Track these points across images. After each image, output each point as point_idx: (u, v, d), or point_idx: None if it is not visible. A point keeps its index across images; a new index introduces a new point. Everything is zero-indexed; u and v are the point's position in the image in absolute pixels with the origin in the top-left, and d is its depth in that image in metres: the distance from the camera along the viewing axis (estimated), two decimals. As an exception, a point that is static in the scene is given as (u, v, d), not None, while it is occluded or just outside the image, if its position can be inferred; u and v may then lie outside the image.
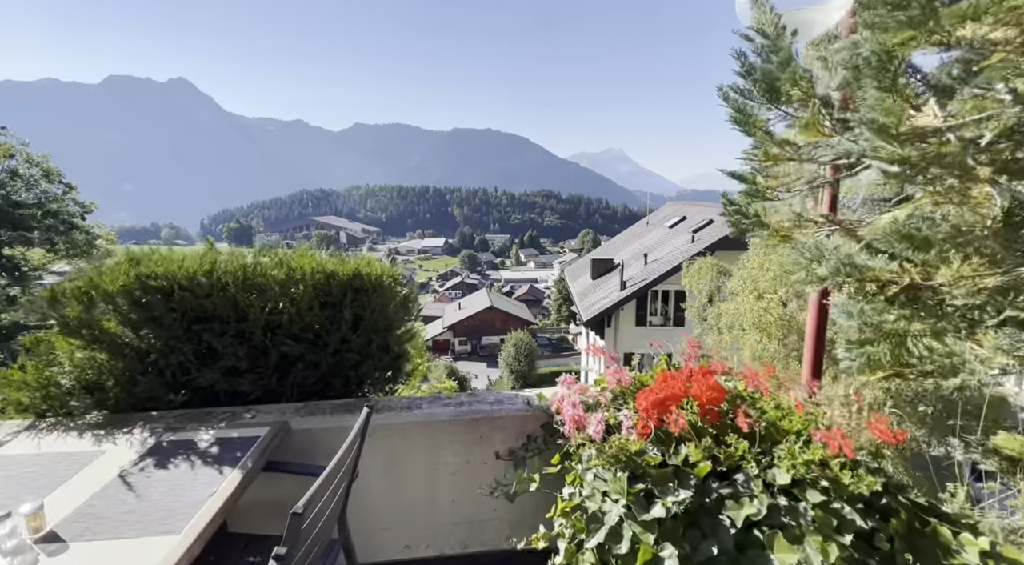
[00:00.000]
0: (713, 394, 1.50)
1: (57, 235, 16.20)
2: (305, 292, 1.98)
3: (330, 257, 2.13)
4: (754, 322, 8.19)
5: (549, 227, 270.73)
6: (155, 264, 1.87)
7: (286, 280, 1.99)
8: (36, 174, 16.12)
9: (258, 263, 1.93)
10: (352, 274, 2.05)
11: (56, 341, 1.93)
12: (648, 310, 19.81)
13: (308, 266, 1.96)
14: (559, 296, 73.17)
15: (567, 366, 43.59)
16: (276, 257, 2.03)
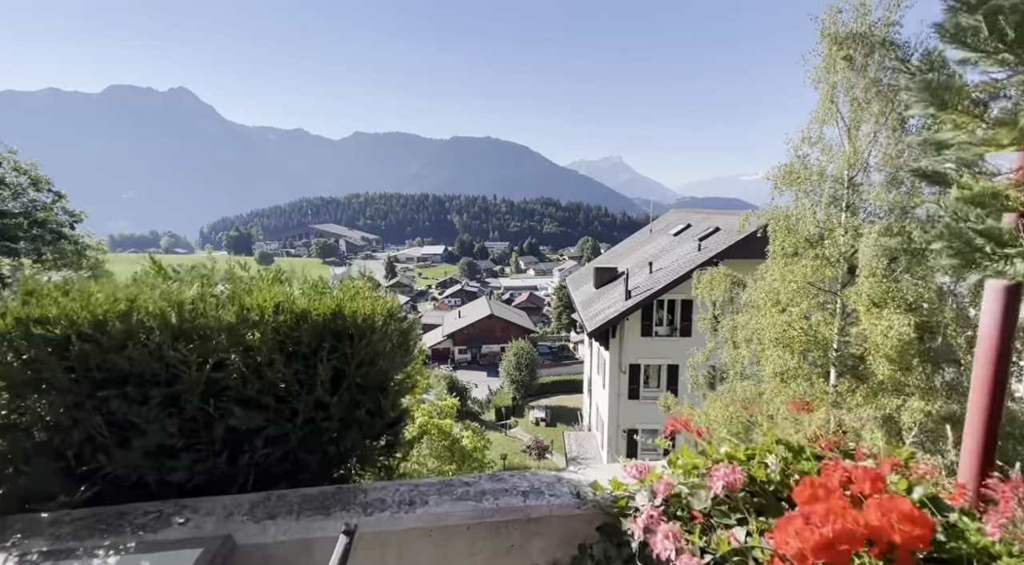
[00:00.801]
0: (913, 530, 0.89)
1: (44, 245, 15.64)
2: (264, 340, 1.43)
3: (306, 289, 1.55)
4: (777, 337, 7.61)
5: (548, 234, 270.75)
6: (49, 303, 1.31)
7: (237, 323, 1.43)
8: (24, 182, 15.60)
9: (199, 300, 1.38)
10: (331, 313, 1.47)
11: None
12: (654, 320, 19.24)
13: (269, 303, 1.40)
14: (559, 304, 72.64)
15: (569, 376, 42.91)
16: (229, 289, 1.47)
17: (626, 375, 19.31)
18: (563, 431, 30.47)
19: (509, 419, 35.67)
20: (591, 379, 25.92)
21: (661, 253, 22.55)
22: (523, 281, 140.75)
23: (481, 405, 40.15)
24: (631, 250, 28.30)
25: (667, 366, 19.14)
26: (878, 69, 7.01)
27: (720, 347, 10.52)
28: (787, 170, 8.15)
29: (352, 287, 1.62)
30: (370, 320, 1.48)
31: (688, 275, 17.41)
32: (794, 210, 8.15)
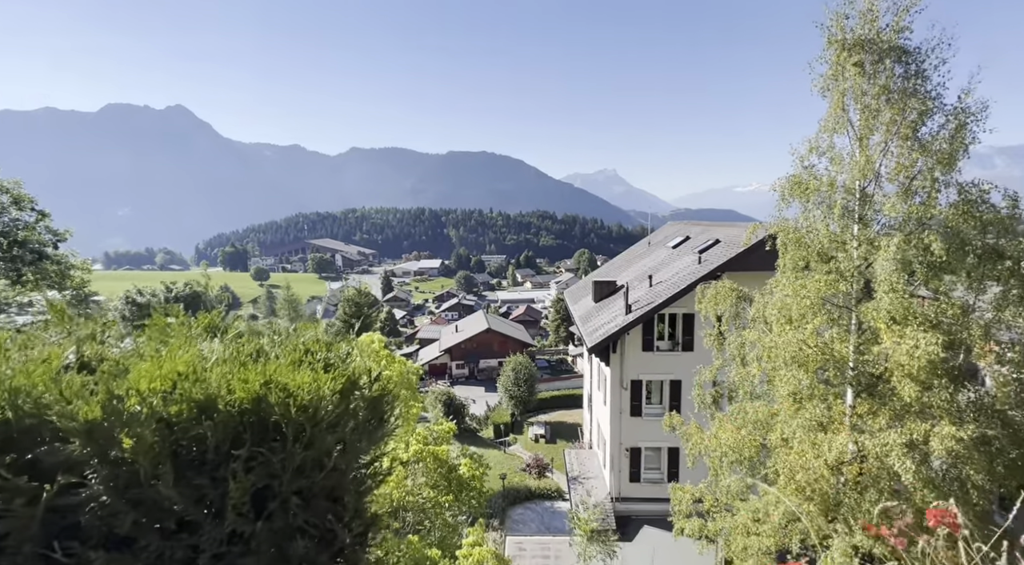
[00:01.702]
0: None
1: (24, 265, 15.16)
2: (144, 445, 0.98)
3: (229, 351, 1.08)
4: (793, 356, 7.19)
5: (545, 247, 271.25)
6: None
7: (103, 420, 0.96)
8: (5, 201, 15.19)
9: (50, 382, 0.91)
10: (253, 397, 1.05)
11: None
12: (655, 335, 18.81)
13: (157, 384, 0.94)
14: (557, 316, 72.10)
15: (568, 391, 42.26)
16: (105, 365, 1.00)
17: (627, 391, 18.81)
18: (563, 448, 29.76)
19: (508, 436, 34.92)
20: (591, 395, 25.35)
21: (660, 266, 22.22)
22: (520, 294, 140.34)
23: (479, 422, 39.37)
24: (629, 263, 27.98)
25: (670, 382, 18.66)
26: (888, 76, 6.74)
27: (727, 364, 10.10)
28: (794, 181, 7.84)
29: (295, 346, 1.17)
30: (315, 403, 1.04)
31: (690, 289, 17.07)
32: (803, 222, 7.82)
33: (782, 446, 7.58)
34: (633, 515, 19.06)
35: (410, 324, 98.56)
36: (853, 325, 7.42)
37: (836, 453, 6.61)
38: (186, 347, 1.13)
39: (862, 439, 6.60)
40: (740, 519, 8.36)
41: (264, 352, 1.24)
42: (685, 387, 18.31)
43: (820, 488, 6.80)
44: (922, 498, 6.24)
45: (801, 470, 6.80)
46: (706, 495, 9.70)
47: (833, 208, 7.31)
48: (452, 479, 9.11)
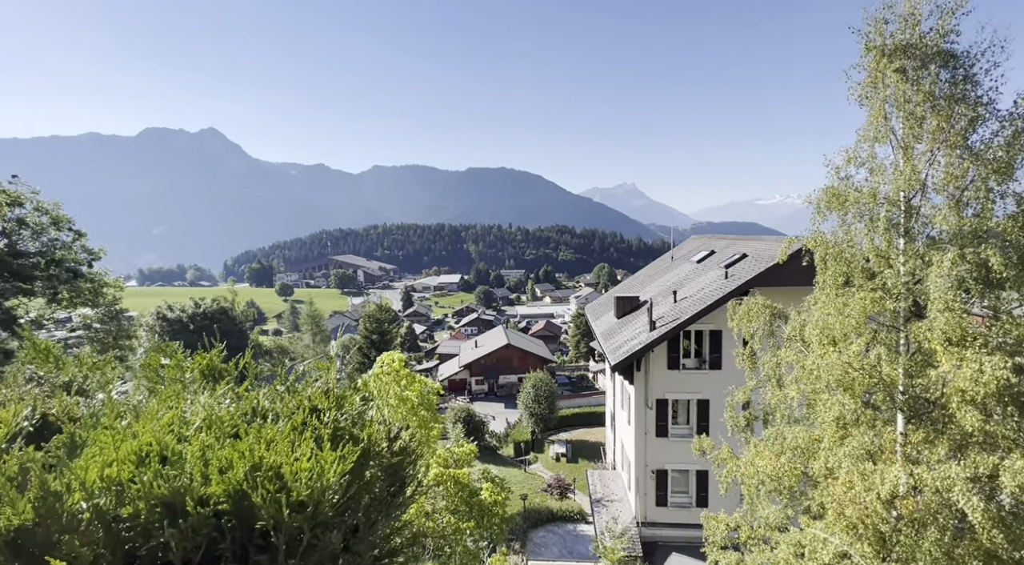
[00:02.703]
0: None
1: (60, 283, 15.64)
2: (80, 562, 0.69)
3: (215, 426, 0.86)
4: (837, 379, 6.72)
5: (564, 262, 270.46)
6: None
7: (26, 530, 0.71)
8: (45, 222, 15.77)
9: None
10: (235, 493, 0.73)
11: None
12: (681, 352, 18.22)
13: (110, 468, 0.70)
14: (577, 332, 71.24)
15: (590, 408, 41.40)
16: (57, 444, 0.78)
17: (653, 411, 18.18)
18: (586, 468, 28.95)
19: (528, 454, 34.22)
20: (614, 413, 24.66)
21: (685, 281, 21.66)
22: (539, 309, 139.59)
23: (499, 439, 38.76)
24: (652, 278, 27.43)
25: (697, 401, 17.97)
26: (933, 82, 6.36)
27: (762, 385, 9.59)
28: (832, 193, 7.44)
29: (299, 403, 0.94)
30: (316, 496, 0.82)
31: (717, 304, 16.53)
32: (843, 236, 7.40)
33: (827, 476, 7.05)
34: (660, 541, 18.23)
35: (430, 339, 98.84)
36: (902, 346, 6.92)
37: (889, 486, 6.08)
38: (169, 402, 0.93)
39: (918, 471, 6.07)
40: (781, 554, 7.78)
41: (261, 411, 1.04)
42: (714, 407, 17.61)
43: (872, 524, 6.25)
44: (990, 539, 5.66)
45: (850, 504, 6.28)
46: (742, 525, 9.12)
47: (876, 221, 6.89)
48: (474, 504, 8.77)
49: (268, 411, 1.03)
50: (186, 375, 1.18)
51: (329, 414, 1.05)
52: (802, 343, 8.14)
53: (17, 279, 13.70)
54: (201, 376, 1.19)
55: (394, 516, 1.10)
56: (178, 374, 1.17)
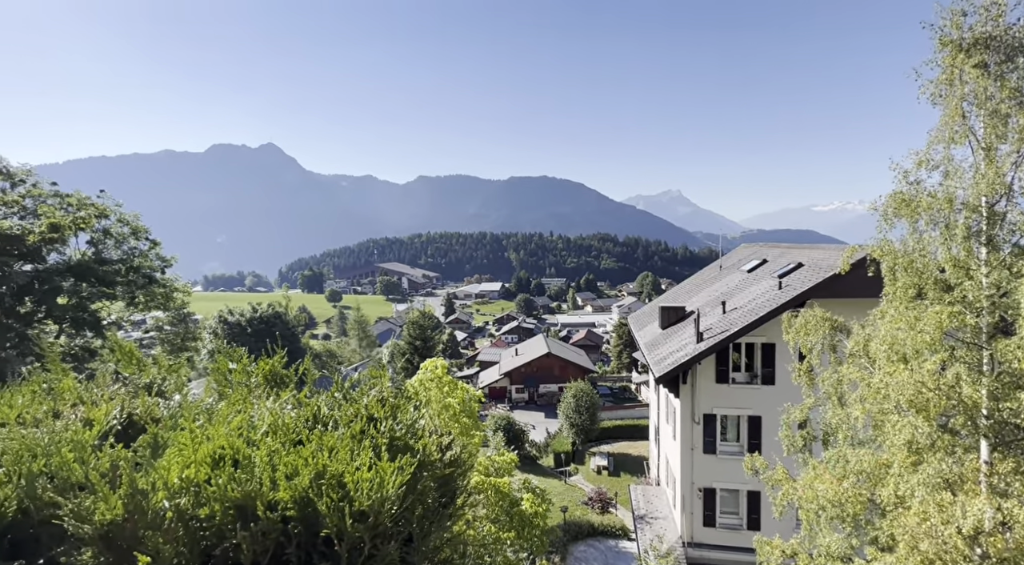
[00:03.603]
0: None
1: (137, 289, 16.99)
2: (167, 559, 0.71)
3: (276, 432, 0.88)
4: (909, 399, 6.20)
5: (606, 270, 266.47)
6: None
7: (116, 525, 0.69)
8: (126, 232, 17.20)
9: (63, 467, 0.75)
10: (300, 500, 0.74)
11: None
12: (730, 366, 17.43)
13: (189, 470, 0.73)
14: (619, 342, 69.74)
15: (633, 421, 40.34)
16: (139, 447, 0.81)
17: (700, 426, 17.45)
18: (628, 483, 28.16)
19: (569, 466, 33.69)
20: (658, 427, 23.88)
21: (734, 291, 20.78)
22: (580, 318, 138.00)
23: (539, 449, 38.41)
24: (699, 287, 26.50)
25: (748, 418, 17.09)
26: (1021, 77, 5.83)
27: (821, 403, 9.00)
28: (900, 199, 6.93)
29: (356, 411, 0.96)
30: (376, 506, 0.84)
31: (769, 316, 15.73)
32: (914, 244, 6.85)
33: (897, 505, 6.49)
34: (708, 563, 17.38)
35: (471, 346, 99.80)
36: (986, 365, 6.31)
37: (972, 520, 5.51)
38: (237, 406, 0.99)
39: (1007, 505, 5.47)
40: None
41: (322, 418, 1.08)
42: (767, 424, 16.69)
43: (953, 560, 5.68)
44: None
45: (926, 537, 5.74)
46: (799, 553, 8.54)
47: (953, 229, 6.34)
48: (514, 514, 8.71)
49: (328, 418, 1.07)
50: (251, 380, 1.24)
51: (385, 423, 1.07)
52: (867, 359, 7.59)
53: (102, 284, 15.02)
54: (264, 381, 1.25)
55: (445, 527, 1.10)
56: (244, 379, 1.24)
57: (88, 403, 1.05)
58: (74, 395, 1.11)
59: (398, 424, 1.11)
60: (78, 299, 14.51)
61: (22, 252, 13.52)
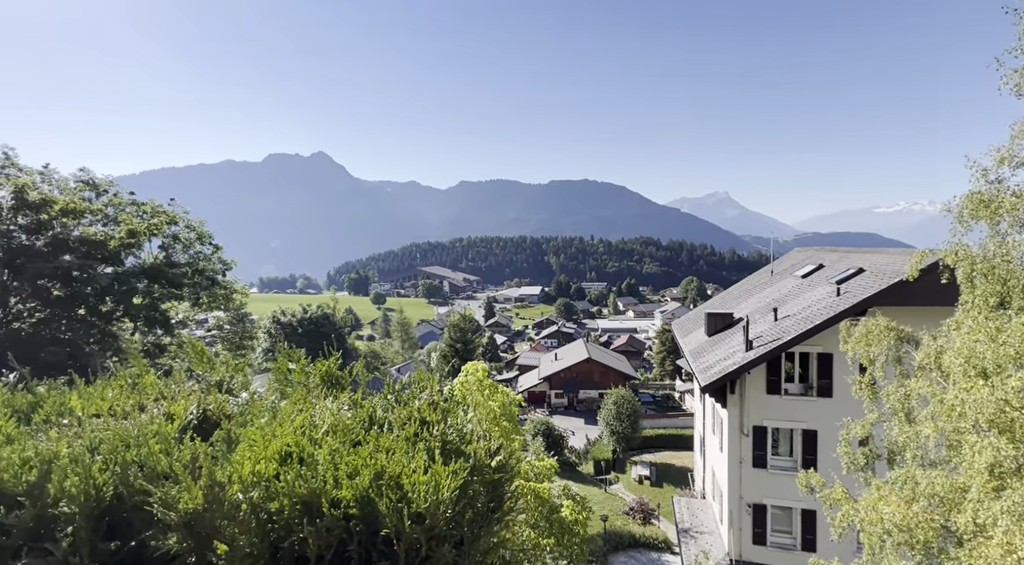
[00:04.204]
0: None
1: (202, 290, 18.19)
2: (237, 553, 0.76)
3: (339, 433, 0.90)
4: (990, 418, 5.68)
5: (648, 275, 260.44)
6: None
7: (198, 514, 0.74)
8: (192, 237, 18.47)
9: (152, 459, 0.81)
10: (361, 499, 0.77)
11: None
12: (782, 376, 16.57)
13: (260, 465, 0.76)
14: (662, 348, 67.81)
15: (676, 430, 39.12)
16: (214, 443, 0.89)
17: (749, 439, 16.67)
18: (671, 494, 27.28)
19: (609, 474, 33.05)
20: (704, 438, 23.02)
21: (787, 297, 19.76)
22: (622, 323, 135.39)
23: (578, 455, 37.94)
24: (748, 293, 25.39)
25: (802, 432, 16.17)
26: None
27: (886, 420, 8.38)
28: (979, 199, 6.38)
29: (410, 414, 0.99)
30: (432, 509, 0.87)
31: (826, 325, 14.84)
32: (995, 249, 6.28)
33: (977, 533, 5.94)
34: (757, 584, 16.53)
35: (510, 350, 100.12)
36: (1082, 383, 5.68)
37: (1067, 556, 4.96)
38: (299, 405, 1.04)
39: (1111, 541, 4.89)
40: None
41: (377, 420, 1.12)
42: (823, 439, 15.73)
43: (1042, 600, 5.14)
44: None
45: (1010, 572, 5.22)
46: (861, 580, 7.97)
47: (1045, 231, 5.78)
48: (554, 521, 8.63)
49: (383, 420, 1.11)
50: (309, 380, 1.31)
51: (438, 427, 1.10)
52: (939, 373, 7.01)
53: (171, 285, 16.20)
54: (321, 381, 1.31)
55: (493, 531, 1.11)
56: (303, 379, 1.30)
57: (169, 398, 1.15)
58: (156, 390, 1.21)
59: (449, 428, 1.13)
60: (151, 299, 15.72)
61: (104, 256, 14.81)
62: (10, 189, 13.70)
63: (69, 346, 13.48)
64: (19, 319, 14.32)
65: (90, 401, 1.06)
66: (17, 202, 13.58)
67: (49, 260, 13.44)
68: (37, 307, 14.62)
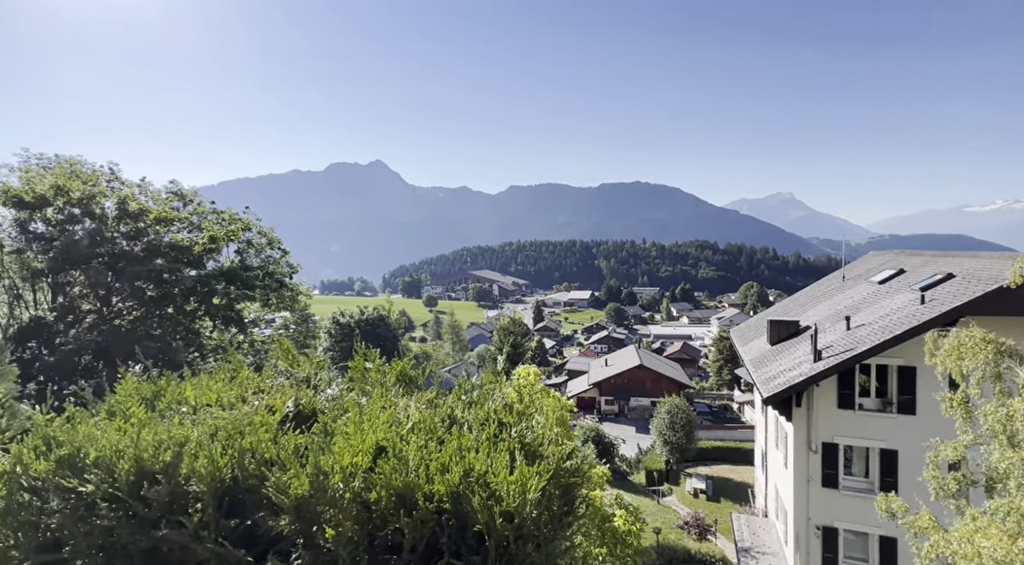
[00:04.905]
0: None
1: (271, 292, 19.49)
2: (343, 536, 0.83)
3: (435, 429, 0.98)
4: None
5: (704, 279, 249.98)
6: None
7: (305, 500, 0.82)
8: (263, 242, 19.84)
9: (259, 445, 0.90)
10: (452, 494, 0.83)
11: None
12: (856, 389, 15.34)
13: (357, 457, 0.84)
14: (719, 357, 64.81)
15: (735, 443, 37.22)
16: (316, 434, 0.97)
17: (818, 455, 15.54)
18: (729, 510, 25.95)
19: (662, 485, 31.91)
20: (766, 452, 21.71)
21: (862, 305, 18.30)
22: (675, 329, 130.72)
23: (630, 464, 36.96)
24: (815, 300, 23.75)
25: (880, 451, 14.88)
26: None
27: (983, 442, 7.53)
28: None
29: (487, 415, 1.02)
30: (520, 509, 0.91)
31: (908, 335, 13.62)
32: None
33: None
34: (828, 614, 15.33)
35: (559, 354, 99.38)
36: None
37: None
38: (381, 402, 1.10)
39: None
40: None
41: (456, 419, 1.16)
42: (905, 460, 14.40)
43: None
44: None
45: None
46: (953, 619, 7.20)
47: None
48: (606, 530, 8.46)
49: (462, 420, 1.15)
50: (386, 379, 1.38)
51: (516, 430, 1.12)
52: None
53: (245, 287, 17.48)
54: (398, 380, 1.38)
55: (565, 535, 1.12)
56: (379, 377, 1.37)
57: (267, 392, 1.25)
58: (253, 384, 1.33)
59: (526, 430, 1.15)
60: (228, 300, 17.05)
61: (189, 260, 16.24)
62: (115, 201, 15.34)
63: (159, 341, 14.87)
64: (120, 316, 15.98)
65: (201, 392, 1.18)
66: (120, 212, 15.19)
67: (144, 263, 14.93)
68: (134, 306, 16.26)
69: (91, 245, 14.61)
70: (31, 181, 15.29)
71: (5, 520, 0.99)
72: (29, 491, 1.04)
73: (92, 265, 14.92)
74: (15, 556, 1.03)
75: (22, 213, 15.30)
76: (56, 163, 16.24)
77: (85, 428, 1.12)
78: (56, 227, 15.27)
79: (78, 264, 15.09)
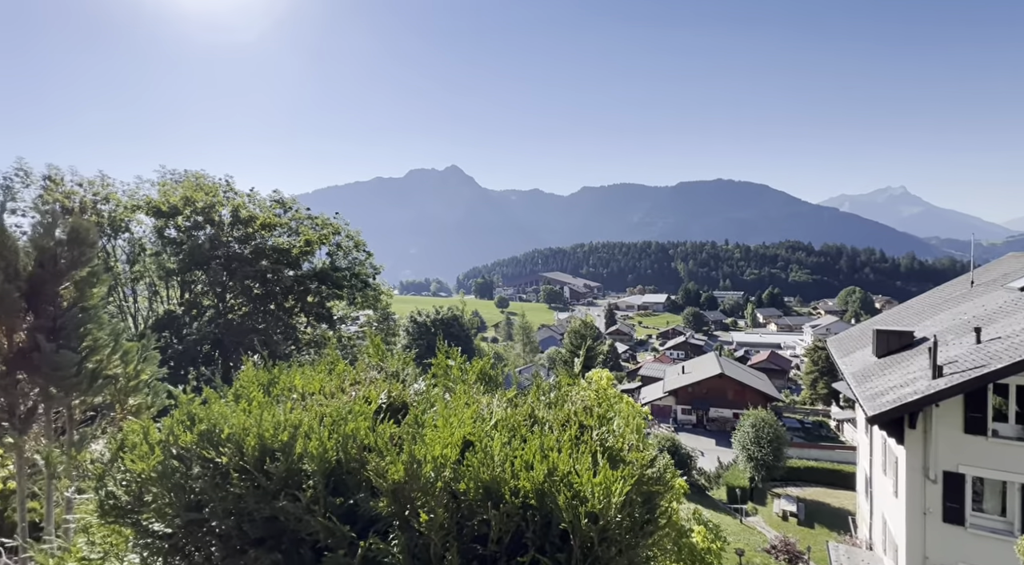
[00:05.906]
0: None
1: (357, 291, 20.95)
2: (435, 522, 0.86)
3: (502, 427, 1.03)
4: None
5: (796, 283, 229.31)
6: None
7: (405, 483, 0.86)
8: (350, 245, 21.39)
9: (363, 432, 0.98)
10: (537, 491, 0.86)
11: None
12: (989, 413, 13.23)
13: (447, 449, 0.89)
14: (814, 368, 59.13)
15: (831, 464, 33.78)
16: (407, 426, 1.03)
17: (938, 486, 13.61)
18: (824, 537, 23.59)
19: (745, 504, 29.74)
20: (871, 478, 19.41)
21: (996, 315, 15.77)
22: (761, 337, 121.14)
23: (708, 479, 34.90)
24: (934, 308, 20.84)
25: (1020, 486, 12.71)
26: None
27: None
28: None
29: (567, 416, 1.04)
30: (605, 511, 0.90)
31: (1061, 351, 11.47)
32: None
33: None
34: None
35: (632, 359, 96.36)
36: None
37: None
38: (465, 398, 1.15)
39: None
40: None
41: (537, 419, 1.18)
42: (1054, 500, 12.16)
43: None
44: None
45: None
46: None
47: None
48: (683, 546, 8.06)
49: (543, 420, 1.16)
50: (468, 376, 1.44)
51: (597, 433, 1.12)
52: None
53: (335, 287, 18.98)
54: (478, 379, 1.43)
55: (647, 544, 1.09)
56: (460, 375, 1.44)
57: (363, 383, 1.37)
58: (351, 376, 1.46)
59: (607, 434, 1.14)
60: (319, 298, 18.62)
61: (289, 261, 17.97)
62: (229, 209, 17.40)
63: (263, 334, 16.60)
64: (232, 311, 18.07)
65: (307, 381, 1.33)
66: (233, 219, 17.20)
67: (252, 265, 16.79)
68: (243, 302, 18.31)
69: (211, 248, 16.80)
70: (166, 193, 17.91)
71: (162, 481, 1.22)
72: (177, 459, 1.26)
73: (211, 266, 17.13)
74: (168, 513, 1.25)
75: (159, 221, 17.98)
76: (185, 177, 18.84)
77: (218, 407, 1.32)
78: (184, 233, 17.74)
79: (201, 265, 17.40)
